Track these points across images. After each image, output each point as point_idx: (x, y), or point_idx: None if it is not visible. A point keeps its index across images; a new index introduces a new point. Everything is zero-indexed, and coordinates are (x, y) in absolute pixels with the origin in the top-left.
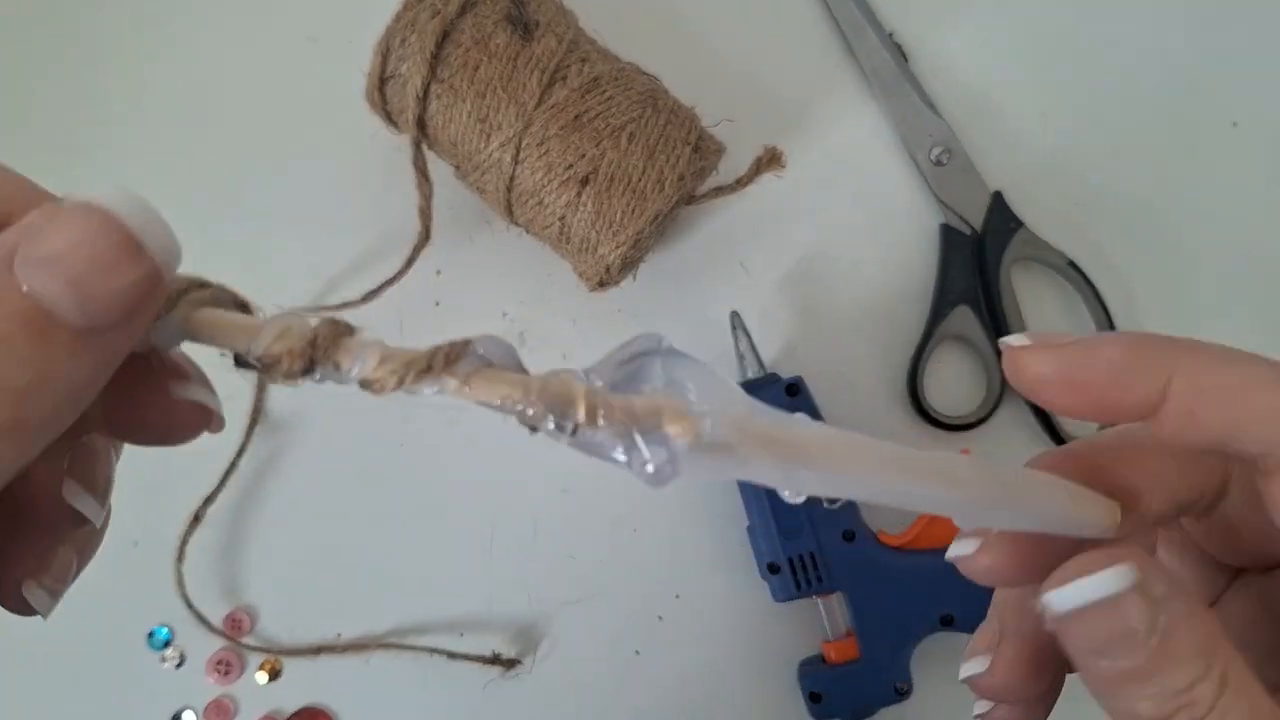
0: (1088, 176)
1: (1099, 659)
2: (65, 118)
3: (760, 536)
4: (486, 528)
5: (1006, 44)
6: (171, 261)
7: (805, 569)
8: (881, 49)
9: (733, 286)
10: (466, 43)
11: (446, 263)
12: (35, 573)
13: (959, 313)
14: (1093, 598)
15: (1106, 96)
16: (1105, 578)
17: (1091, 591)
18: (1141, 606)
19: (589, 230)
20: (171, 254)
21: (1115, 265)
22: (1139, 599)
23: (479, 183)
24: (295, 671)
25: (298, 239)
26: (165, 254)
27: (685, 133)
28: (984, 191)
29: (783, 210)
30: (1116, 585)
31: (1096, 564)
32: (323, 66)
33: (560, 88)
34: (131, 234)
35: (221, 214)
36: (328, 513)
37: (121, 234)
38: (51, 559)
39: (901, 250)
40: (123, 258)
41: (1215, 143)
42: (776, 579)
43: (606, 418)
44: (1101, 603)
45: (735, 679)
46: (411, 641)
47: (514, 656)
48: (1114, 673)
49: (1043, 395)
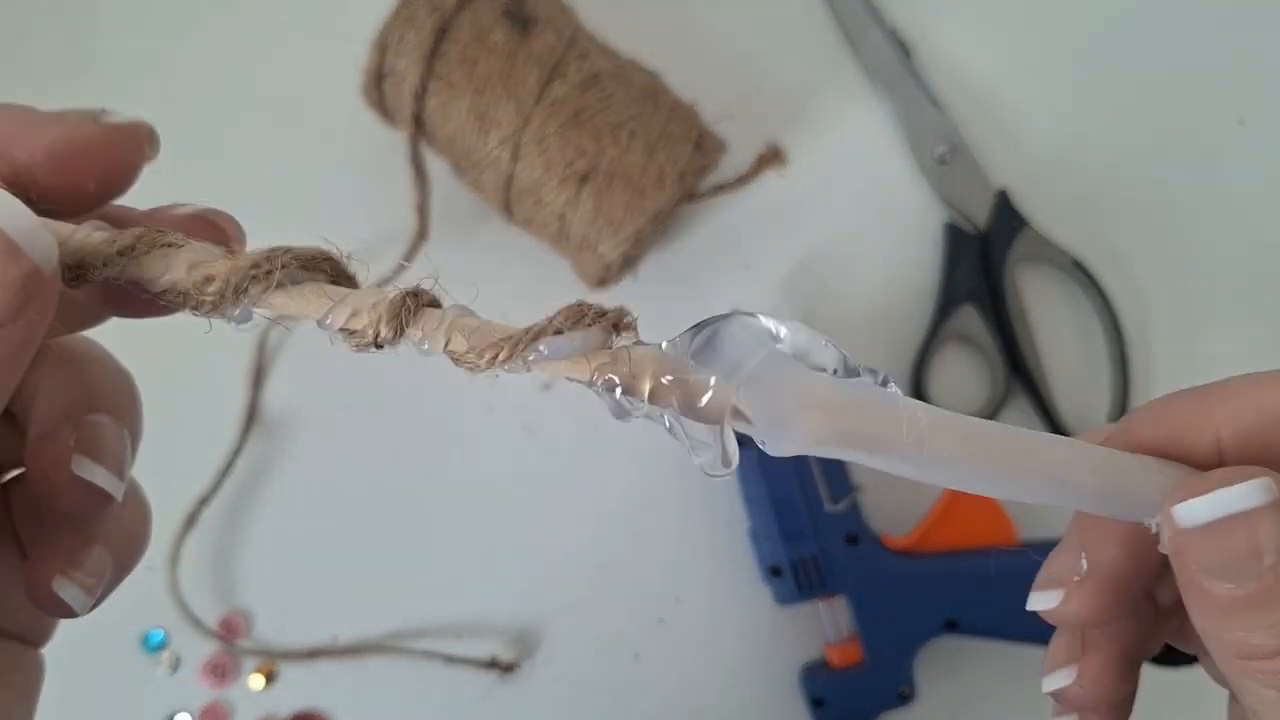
0: (1093, 175)
1: (1219, 581)
2: None
3: (762, 539)
4: (484, 530)
5: (1011, 41)
6: (50, 262)
7: (808, 572)
8: (884, 45)
9: (735, 285)
10: (464, 39)
11: (444, 261)
12: (66, 569)
13: (964, 312)
14: (1225, 511)
15: (1112, 94)
16: (1242, 491)
17: (1225, 505)
18: (1275, 526)
19: (588, 228)
20: (50, 255)
21: (1121, 264)
22: (1273, 517)
23: (477, 180)
24: (291, 675)
25: (293, 236)
26: (44, 255)
27: (686, 130)
28: (989, 190)
29: (785, 208)
30: (1253, 500)
31: (1234, 478)
32: (319, 63)
33: (559, 84)
34: (8, 238)
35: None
36: (323, 515)
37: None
38: (83, 556)
39: (905, 249)
40: (1, 260)
41: (1222, 140)
42: (778, 582)
43: (666, 398)
44: (1234, 517)
45: (736, 683)
46: (409, 645)
47: (512, 660)
48: (1230, 598)
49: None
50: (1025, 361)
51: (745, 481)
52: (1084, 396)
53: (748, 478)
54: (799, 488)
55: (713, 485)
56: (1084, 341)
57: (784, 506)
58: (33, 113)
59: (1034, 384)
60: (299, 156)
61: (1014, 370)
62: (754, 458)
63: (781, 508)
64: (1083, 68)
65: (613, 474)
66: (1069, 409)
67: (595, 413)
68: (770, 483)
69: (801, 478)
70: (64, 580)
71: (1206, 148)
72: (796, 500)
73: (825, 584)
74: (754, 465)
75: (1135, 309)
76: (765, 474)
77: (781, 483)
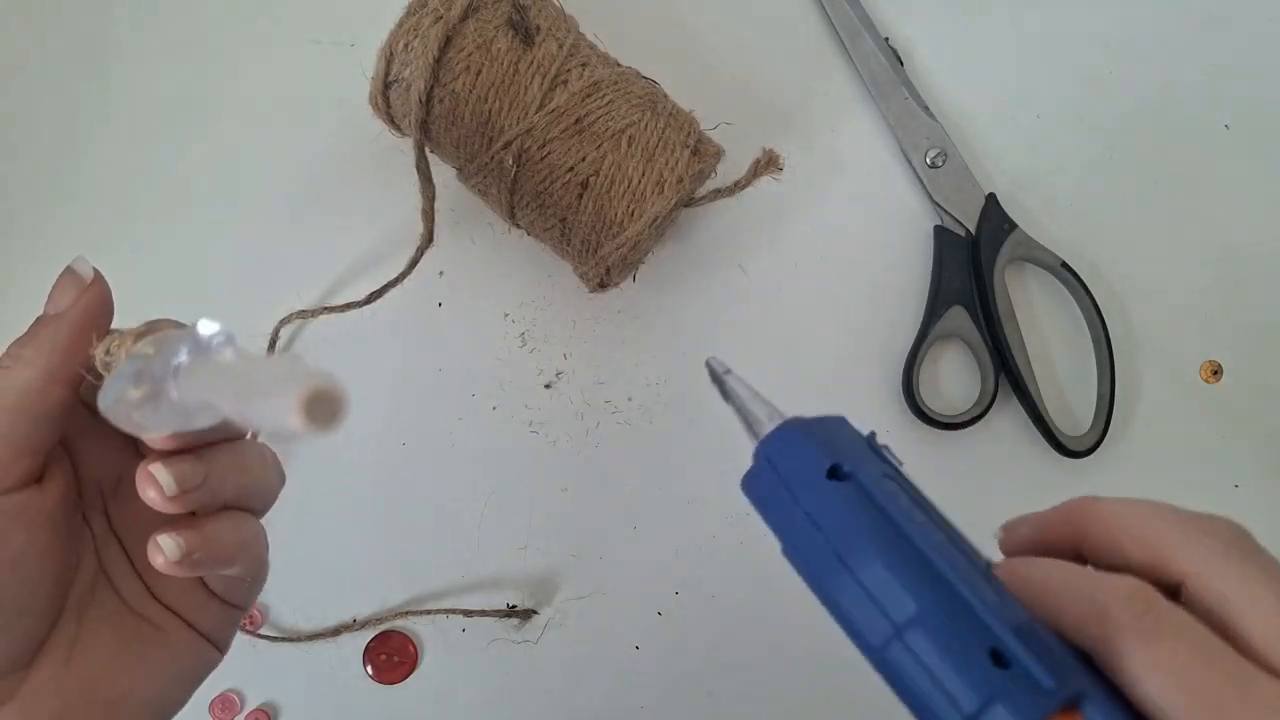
0: (1081, 179)
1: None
2: (71, 121)
3: (939, 629)
4: (481, 529)
5: (1000, 48)
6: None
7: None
8: (878, 53)
9: (731, 288)
10: (469, 48)
11: (449, 264)
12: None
13: (954, 313)
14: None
15: (1100, 99)
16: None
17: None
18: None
19: (589, 232)
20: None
21: (1108, 266)
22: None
23: (481, 185)
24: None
25: (302, 241)
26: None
27: (684, 136)
28: (978, 193)
29: (780, 212)
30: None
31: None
32: (326, 70)
33: (561, 92)
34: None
35: (226, 217)
36: (324, 516)
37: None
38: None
39: (897, 251)
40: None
41: (1208, 145)
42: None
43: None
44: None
45: (737, 681)
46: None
47: (530, 607)
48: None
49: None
50: (1014, 361)
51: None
52: (1071, 395)
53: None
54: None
55: (715, 484)
56: (1071, 342)
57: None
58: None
59: (1022, 383)
60: (308, 164)
61: (1003, 370)
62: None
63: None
64: (1071, 75)
65: (615, 471)
66: (1057, 408)
67: (595, 411)
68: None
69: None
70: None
71: (1193, 151)
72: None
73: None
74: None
75: (1121, 310)
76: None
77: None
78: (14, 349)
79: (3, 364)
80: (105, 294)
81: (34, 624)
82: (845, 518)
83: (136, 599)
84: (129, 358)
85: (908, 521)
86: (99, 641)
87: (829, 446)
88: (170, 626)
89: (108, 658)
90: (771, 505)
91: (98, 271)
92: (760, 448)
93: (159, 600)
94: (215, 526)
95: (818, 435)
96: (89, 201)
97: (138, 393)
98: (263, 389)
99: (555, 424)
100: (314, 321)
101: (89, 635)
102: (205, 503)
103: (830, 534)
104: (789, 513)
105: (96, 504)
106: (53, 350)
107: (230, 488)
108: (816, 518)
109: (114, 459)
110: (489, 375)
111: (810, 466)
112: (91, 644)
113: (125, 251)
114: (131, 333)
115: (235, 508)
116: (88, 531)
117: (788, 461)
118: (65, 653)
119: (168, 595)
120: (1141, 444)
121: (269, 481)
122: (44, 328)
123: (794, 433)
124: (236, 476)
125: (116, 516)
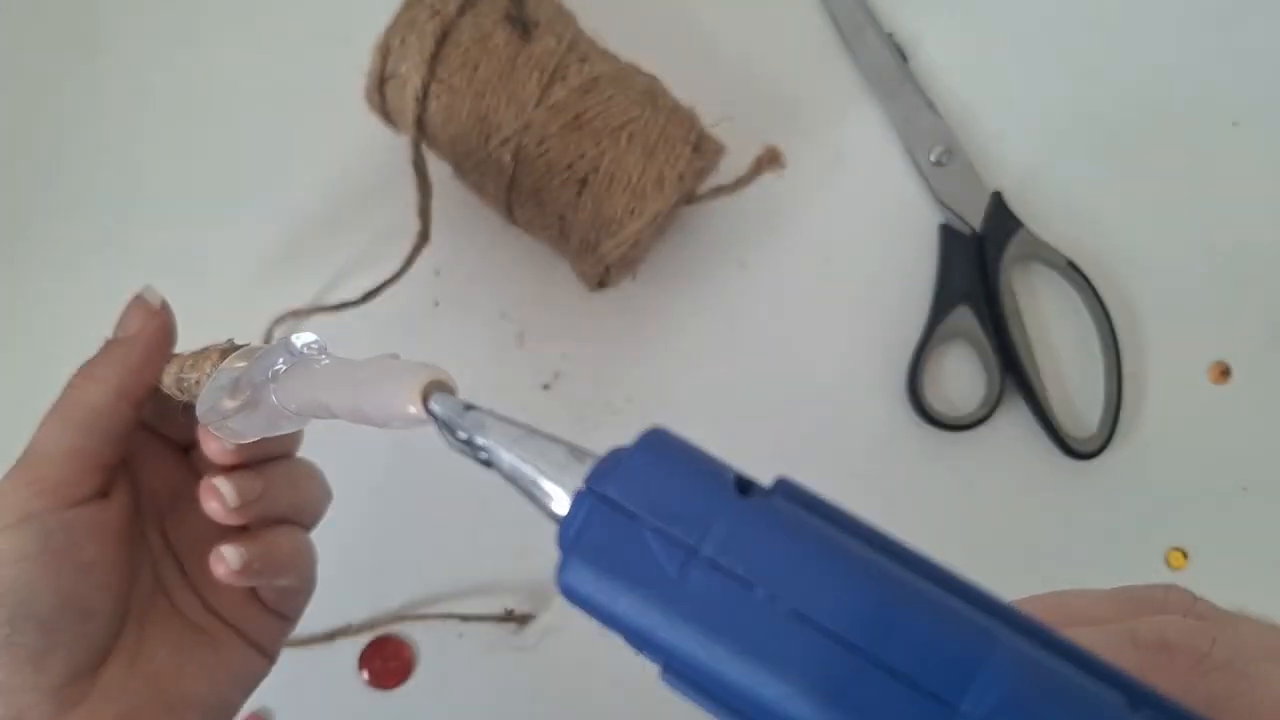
0: (1087, 176)
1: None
2: (66, 119)
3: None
4: (479, 533)
5: (1006, 44)
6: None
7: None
8: (881, 49)
9: (732, 287)
10: (466, 42)
11: (445, 263)
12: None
13: (959, 313)
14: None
15: (1106, 96)
16: None
17: None
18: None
19: (588, 230)
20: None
21: (1115, 265)
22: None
23: (478, 182)
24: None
25: (296, 239)
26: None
27: (685, 132)
28: (984, 192)
29: (782, 210)
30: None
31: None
32: (321, 66)
33: (560, 87)
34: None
35: (221, 215)
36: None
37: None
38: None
39: (901, 250)
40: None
41: (1216, 142)
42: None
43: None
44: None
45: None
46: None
47: (528, 612)
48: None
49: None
50: (1020, 361)
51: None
52: (1078, 395)
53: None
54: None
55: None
56: (1078, 341)
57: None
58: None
59: (1029, 383)
60: (302, 161)
61: (1009, 369)
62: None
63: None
64: (1077, 71)
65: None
66: (1063, 407)
67: (594, 412)
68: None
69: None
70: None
71: (1200, 149)
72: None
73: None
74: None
75: (1129, 310)
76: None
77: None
78: (87, 369)
79: (75, 383)
80: (171, 321)
81: (103, 628)
82: (788, 549)
83: (192, 610)
84: (220, 370)
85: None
86: (160, 648)
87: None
88: (224, 636)
89: (168, 663)
90: (634, 572)
91: (164, 301)
92: (580, 498)
93: (213, 611)
94: (271, 538)
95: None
96: (83, 199)
97: (233, 402)
98: (375, 383)
99: (553, 426)
100: (308, 321)
101: (150, 642)
102: (262, 515)
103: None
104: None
105: (154, 520)
106: (124, 371)
107: (284, 502)
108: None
109: (169, 477)
110: (486, 376)
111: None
112: (153, 650)
113: (117, 249)
114: (200, 353)
115: (288, 521)
116: (146, 545)
117: (651, 492)
118: (129, 658)
119: (222, 606)
120: (1149, 445)
121: (318, 497)
122: (115, 349)
123: (655, 442)
124: (290, 492)
125: (172, 532)
